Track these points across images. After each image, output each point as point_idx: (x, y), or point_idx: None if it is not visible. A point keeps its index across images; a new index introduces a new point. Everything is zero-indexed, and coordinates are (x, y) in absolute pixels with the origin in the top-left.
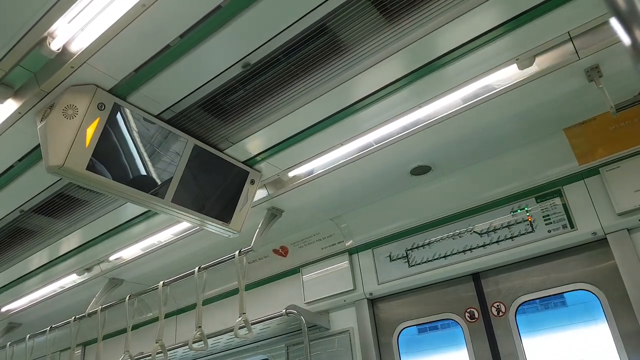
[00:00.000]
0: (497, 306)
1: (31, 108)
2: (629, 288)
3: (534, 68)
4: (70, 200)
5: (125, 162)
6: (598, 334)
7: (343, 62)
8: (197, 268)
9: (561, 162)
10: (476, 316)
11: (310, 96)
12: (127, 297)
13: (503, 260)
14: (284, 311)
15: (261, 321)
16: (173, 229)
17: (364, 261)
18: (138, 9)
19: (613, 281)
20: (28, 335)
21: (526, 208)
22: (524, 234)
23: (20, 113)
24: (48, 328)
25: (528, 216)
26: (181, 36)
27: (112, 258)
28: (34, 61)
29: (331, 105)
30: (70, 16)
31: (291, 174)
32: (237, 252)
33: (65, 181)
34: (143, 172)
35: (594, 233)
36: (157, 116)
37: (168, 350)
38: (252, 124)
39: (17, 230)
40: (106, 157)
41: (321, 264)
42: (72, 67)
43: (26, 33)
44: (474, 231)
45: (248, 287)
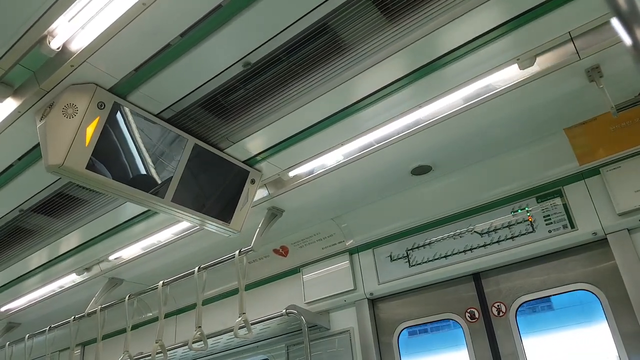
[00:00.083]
0: (498, 306)
1: (31, 107)
2: (629, 288)
3: (535, 68)
4: (69, 199)
5: (125, 162)
6: (598, 334)
7: (344, 62)
8: (197, 268)
9: (562, 162)
10: (476, 316)
11: (311, 96)
12: (127, 297)
13: (503, 260)
14: (284, 311)
15: (261, 321)
16: (173, 229)
17: (365, 261)
18: (138, 8)
19: (613, 281)
20: (27, 335)
21: (527, 208)
22: (525, 234)
23: (19, 112)
24: (47, 328)
25: (528, 216)
26: (182, 35)
27: (112, 258)
28: (34, 60)
29: (332, 104)
30: (70, 15)
31: (292, 174)
32: (237, 252)
33: (64, 180)
34: (143, 172)
35: (595, 233)
36: (157, 115)
37: (168, 350)
38: (253, 124)
39: (17, 229)
40: (106, 156)
41: (321, 264)
42: (72, 66)
43: (26, 31)
44: (475, 231)
45: (248, 287)
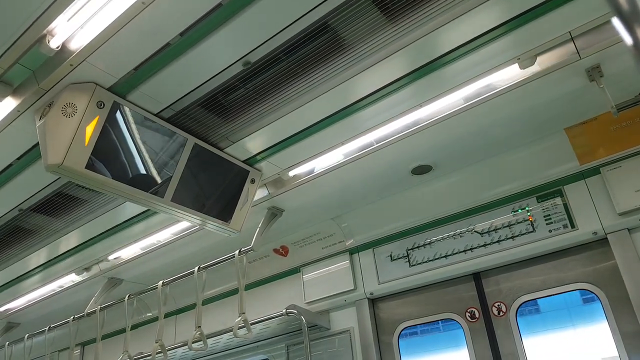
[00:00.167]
0: (498, 306)
1: (30, 106)
2: (630, 288)
3: (535, 67)
4: (69, 199)
5: (124, 161)
6: (598, 334)
7: (344, 61)
8: (197, 268)
9: (562, 162)
10: (477, 316)
11: (311, 95)
12: (127, 297)
13: (504, 260)
14: (284, 311)
15: (261, 321)
16: (173, 229)
17: (365, 261)
18: (138, 7)
19: (614, 281)
20: (27, 335)
21: (527, 208)
22: (525, 234)
23: (19, 111)
24: (47, 328)
25: (529, 216)
26: (181, 34)
27: (111, 257)
28: (33, 59)
29: (332, 104)
30: (69, 14)
31: (292, 173)
32: (237, 252)
33: (64, 180)
34: (142, 171)
35: (595, 233)
36: (157, 114)
37: (168, 350)
38: (253, 123)
39: (16, 229)
40: (105, 156)
41: (322, 264)
42: (72, 65)
43: (25, 31)
44: (475, 231)
45: (248, 287)
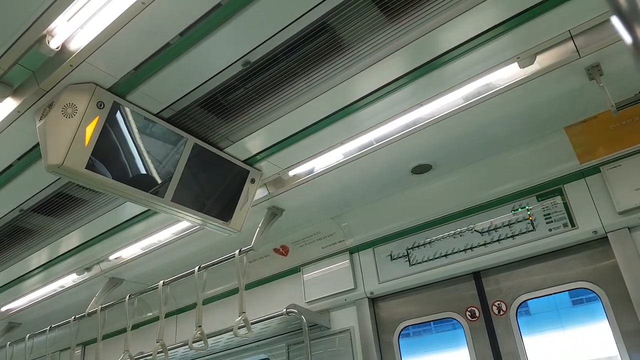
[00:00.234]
0: (498, 305)
1: (30, 107)
2: (630, 287)
3: (535, 66)
4: (69, 199)
5: (124, 161)
6: (599, 333)
7: (343, 61)
8: (197, 267)
9: (562, 161)
10: (477, 315)
11: (310, 94)
12: (127, 297)
13: (504, 259)
14: (285, 310)
15: (262, 320)
16: (173, 228)
17: (365, 260)
18: (138, 7)
19: (614, 280)
20: (28, 335)
21: (527, 207)
22: (525, 233)
23: (19, 112)
24: (48, 328)
25: (529, 215)
26: (181, 34)
27: (112, 257)
28: (33, 59)
29: (332, 103)
30: (69, 14)
31: (292, 173)
32: (238, 252)
33: (64, 180)
34: (143, 171)
35: (595, 232)
36: (157, 115)
37: (168, 349)
38: (253, 123)
39: (17, 229)
40: (105, 156)
41: (322, 263)
42: (71, 66)
43: (25, 31)
44: (475, 230)
45: (248, 287)
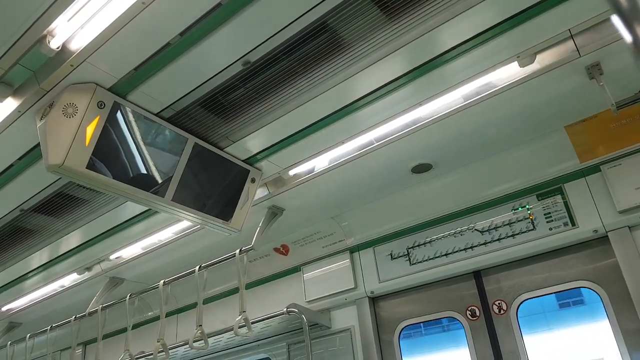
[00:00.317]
0: (499, 304)
1: (31, 107)
2: (630, 285)
3: (535, 65)
4: (70, 199)
5: (125, 161)
6: (599, 332)
7: (343, 60)
8: (198, 267)
9: (562, 160)
10: (477, 314)
11: (311, 94)
12: (128, 296)
13: (504, 258)
14: (285, 310)
15: (262, 320)
16: (173, 228)
17: (365, 259)
18: (138, 7)
19: (614, 279)
20: (28, 334)
21: (527, 206)
22: (525, 232)
23: (19, 112)
24: (48, 327)
25: (529, 214)
26: (181, 34)
27: (113, 257)
28: (34, 59)
29: (332, 103)
30: (69, 14)
31: (292, 173)
32: (238, 251)
33: (65, 180)
34: (143, 171)
35: (595, 231)
36: (157, 114)
37: (169, 349)
38: (253, 122)
39: (17, 229)
40: (106, 156)
41: (322, 263)
42: (72, 66)
43: (26, 31)
44: (475, 229)
45: (249, 286)
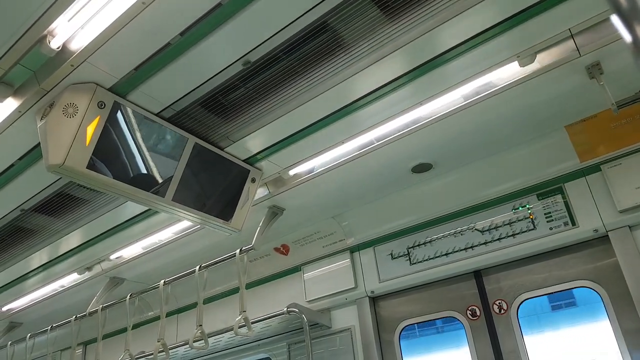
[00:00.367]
0: (499, 304)
1: (31, 107)
2: (631, 285)
3: (535, 65)
4: (70, 199)
5: (125, 161)
6: (600, 331)
7: (343, 60)
8: (198, 267)
9: (562, 160)
10: (478, 314)
11: (311, 94)
12: (128, 296)
13: (505, 257)
14: (285, 309)
15: (262, 320)
16: (174, 228)
17: (365, 259)
18: (138, 7)
19: (615, 278)
20: (29, 334)
21: (527, 205)
22: (526, 232)
23: (20, 112)
24: (49, 327)
25: (529, 213)
26: (181, 34)
27: (113, 257)
28: (34, 60)
29: (332, 103)
30: (70, 14)
31: (292, 172)
32: (238, 251)
33: (65, 180)
34: (143, 171)
35: (596, 230)
36: (158, 114)
37: (169, 349)
38: (253, 122)
39: (18, 229)
40: (106, 156)
41: (322, 262)
42: (72, 66)
43: (26, 31)
44: (476, 229)
45: (249, 286)
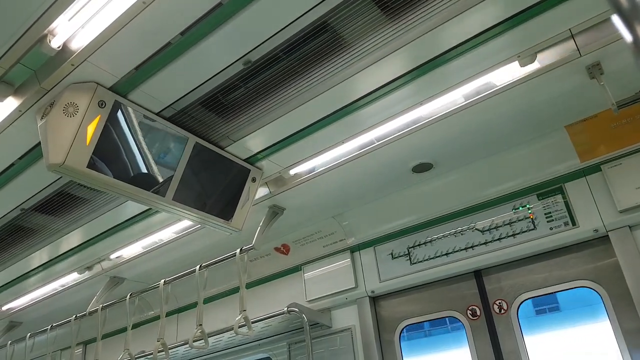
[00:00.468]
0: (499, 304)
1: (32, 106)
2: (631, 285)
3: (536, 65)
4: (70, 198)
5: (126, 160)
6: (600, 331)
7: (344, 60)
8: (199, 266)
9: (563, 159)
10: (478, 314)
11: (311, 94)
12: (128, 296)
13: (505, 257)
14: (286, 309)
15: (263, 319)
16: (174, 227)
17: (366, 259)
18: (139, 6)
19: (615, 278)
20: (28, 334)
21: (528, 205)
22: (526, 232)
23: (20, 111)
24: (49, 327)
25: (530, 213)
26: (182, 33)
27: (113, 256)
28: (35, 59)
29: (332, 102)
30: (70, 14)
31: (292, 172)
32: (239, 250)
33: (65, 179)
34: (144, 170)
35: (596, 230)
36: (158, 114)
37: (169, 348)
38: (253, 122)
39: (18, 228)
40: (107, 155)
41: (323, 262)
42: (73, 65)
43: (26, 31)
44: (476, 228)
45: (250, 286)
